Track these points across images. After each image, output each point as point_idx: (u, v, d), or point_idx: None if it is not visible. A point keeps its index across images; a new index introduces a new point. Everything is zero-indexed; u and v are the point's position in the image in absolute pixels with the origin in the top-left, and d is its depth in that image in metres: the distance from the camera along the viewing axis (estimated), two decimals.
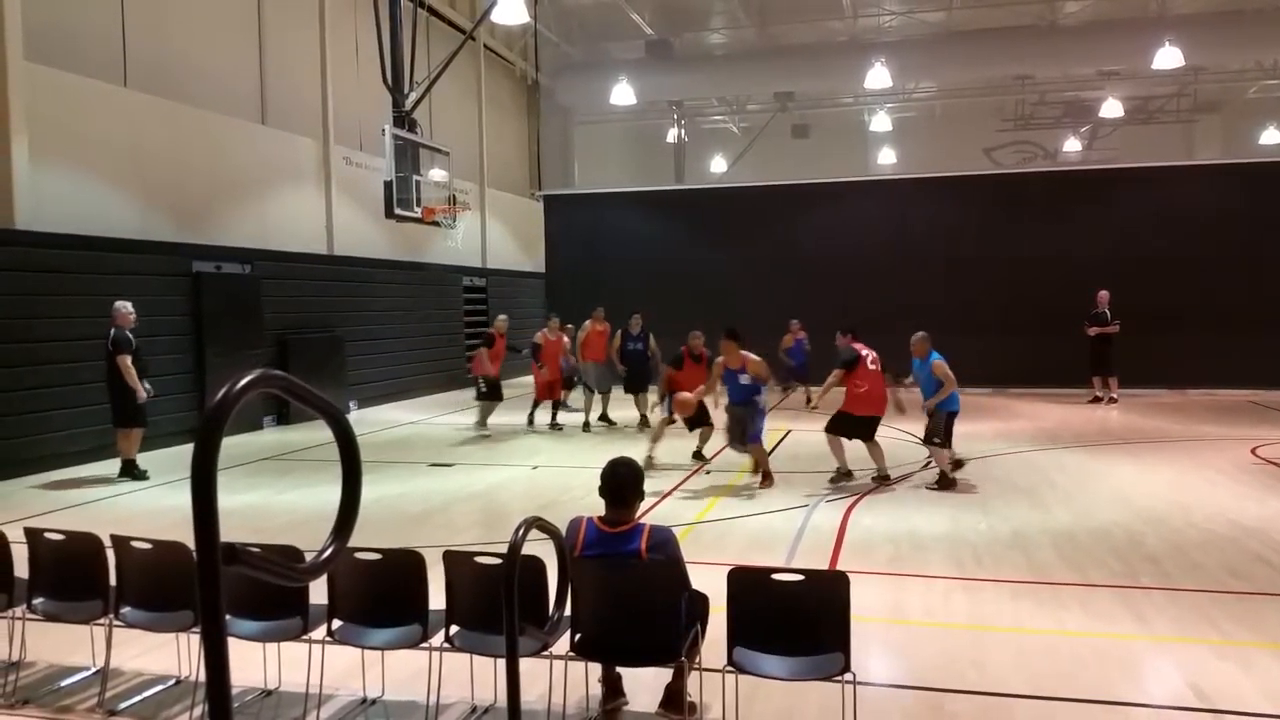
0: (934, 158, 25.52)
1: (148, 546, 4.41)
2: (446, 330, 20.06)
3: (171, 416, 12.05)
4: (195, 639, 4.50)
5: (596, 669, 4.31)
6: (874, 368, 9.39)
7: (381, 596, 4.24)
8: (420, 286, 18.86)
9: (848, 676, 3.71)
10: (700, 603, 4.09)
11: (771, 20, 23.04)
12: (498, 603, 3.44)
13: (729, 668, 3.83)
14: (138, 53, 12.53)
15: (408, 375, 18.29)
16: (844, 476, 9.57)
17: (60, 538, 4.60)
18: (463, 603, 4.13)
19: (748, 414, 9.47)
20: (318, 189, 16.30)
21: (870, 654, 4.96)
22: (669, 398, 10.56)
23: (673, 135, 27.67)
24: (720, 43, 25.29)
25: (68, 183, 11.41)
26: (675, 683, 4.15)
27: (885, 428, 9.81)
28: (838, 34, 23.53)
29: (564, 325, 14.64)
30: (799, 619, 3.86)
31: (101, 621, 4.51)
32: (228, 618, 4.21)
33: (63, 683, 4.74)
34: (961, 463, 9.80)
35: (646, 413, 13.86)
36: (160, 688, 4.66)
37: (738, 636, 3.85)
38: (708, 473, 10.35)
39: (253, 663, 4.48)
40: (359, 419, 15.01)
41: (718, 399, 10.22)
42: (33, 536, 4.65)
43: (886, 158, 30.38)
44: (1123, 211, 18.18)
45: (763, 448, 9.69)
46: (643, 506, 4.31)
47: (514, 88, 24.93)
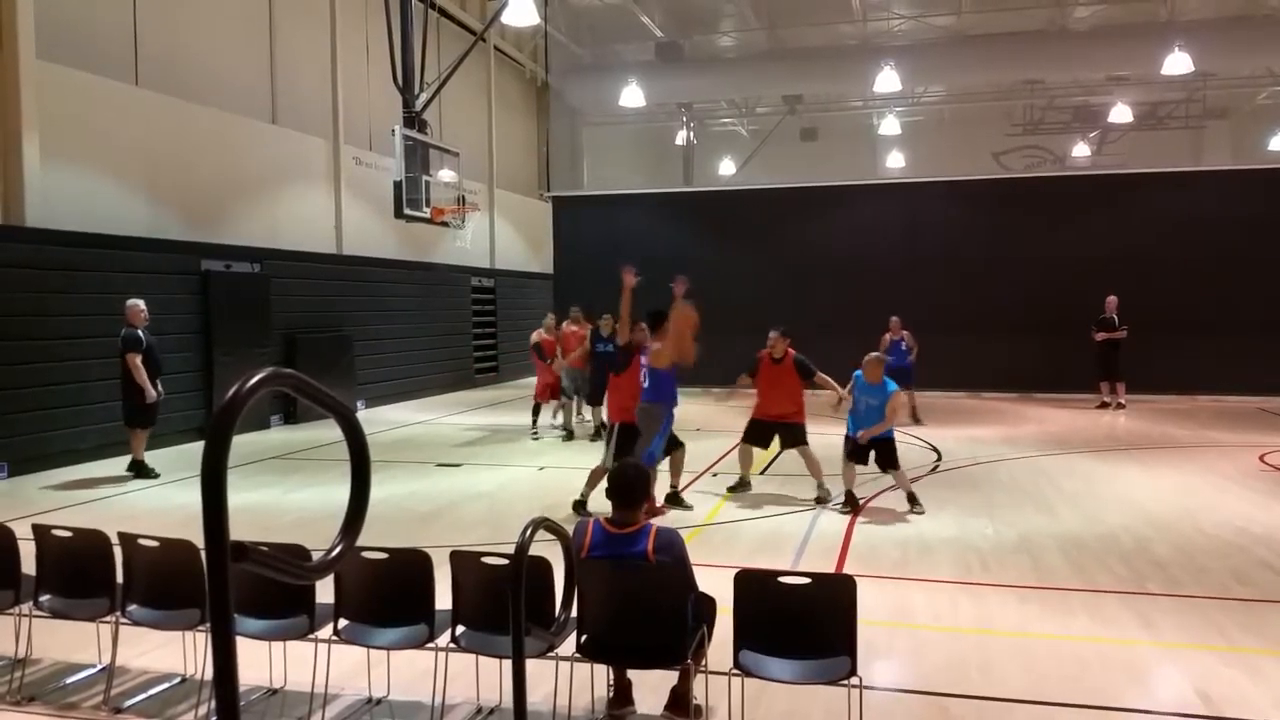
0: (943, 162, 25.51)
1: (155, 544, 4.42)
2: (455, 330, 20.10)
3: (180, 414, 12.10)
4: (201, 637, 4.51)
5: (602, 670, 4.31)
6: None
7: (388, 596, 4.24)
8: (429, 287, 18.90)
9: (854, 680, 3.71)
10: (707, 605, 4.10)
11: (781, 23, 23.03)
12: (504, 603, 3.45)
13: (735, 670, 3.82)
14: (149, 51, 12.58)
15: (416, 375, 18.33)
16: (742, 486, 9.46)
17: (68, 535, 4.61)
18: (469, 603, 4.13)
19: (647, 420, 8.30)
20: (327, 188, 16.36)
21: (876, 658, 4.94)
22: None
23: (681, 137, 27.67)
24: (730, 45, 25.29)
25: (78, 181, 11.47)
26: (681, 685, 4.15)
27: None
28: (847, 37, 23.51)
29: (588, 316, 13.78)
30: (805, 622, 3.85)
31: (108, 619, 4.52)
32: (235, 616, 4.25)
33: (68, 680, 4.75)
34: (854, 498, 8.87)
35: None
36: (166, 685, 4.67)
37: (743, 639, 3.85)
38: (715, 475, 10.35)
39: (258, 661, 4.49)
40: (367, 418, 15.04)
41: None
42: (40, 533, 4.66)
43: (895, 161, 30.34)
44: (1131, 216, 18.12)
45: (652, 472, 7.90)
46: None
47: (523, 89, 24.97)
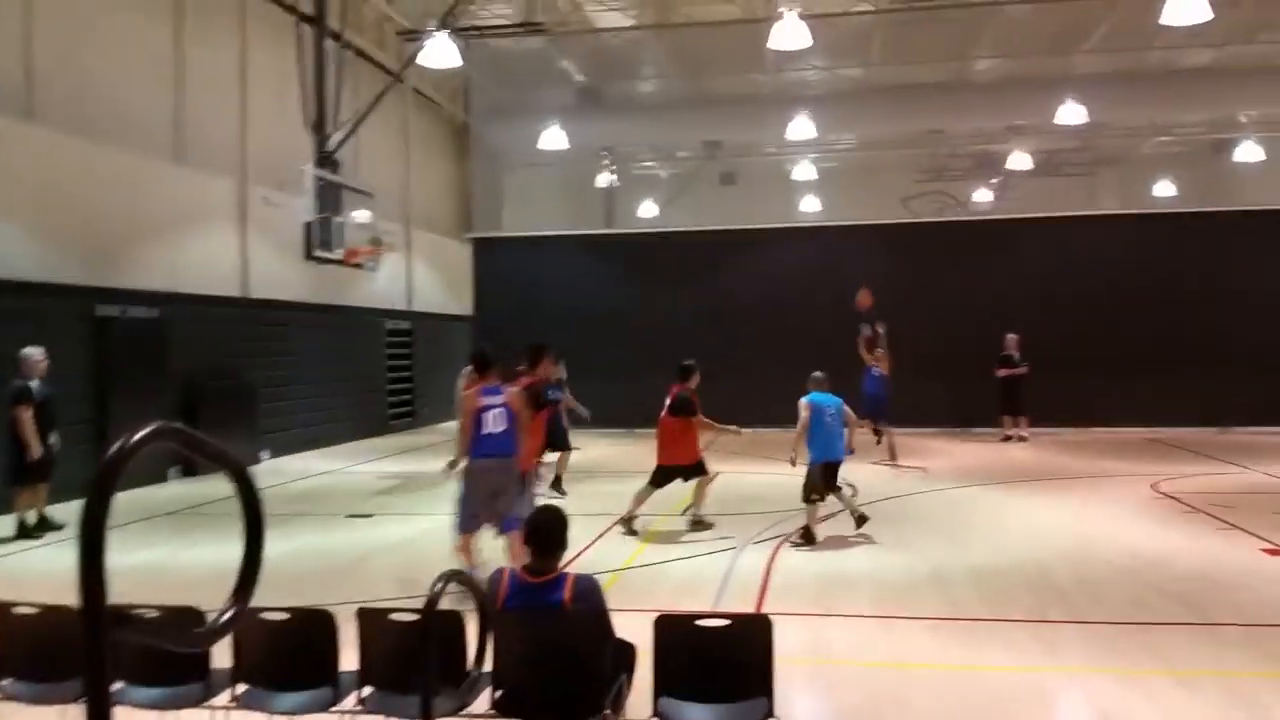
0: (855, 206, 26.19)
1: (32, 612, 4.12)
2: (368, 374, 19.69)
3: (71, 469, 11.39)
4: (84, 711, 4.23)
5: None
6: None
7: (290, 658, 4.04)
8: (341, 330, 18.46)
9: None
10: (626, 652, 4.02)
11: (699, 72, 23.45)
12: (414, 662, 3.32)
13: (654, 719, 3.74)
14: (47, 87, 12.12)
15: (327, 422, 17.79)
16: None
17: None
18: (377, 663, 3.97)
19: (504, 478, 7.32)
20: (234, 229, 15.89)
21: (795, 697, 4.92)
22: None
23: (603, 180, 27.86)
24: (650, 91, 25.63)
25: None
26: None
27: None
28: (763, 87, 24.07)
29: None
30: (724, 665, 3.83)
31: None
32: (122, 685, 3.98)
33: None
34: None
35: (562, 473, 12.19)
36: None
37: (664, 685, 3.78)
38: (635, 517, 10.25)
39: None
40: (274, 468, 14.56)
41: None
42: None
43: (810, 205, 31.02)
44: (1030, 258, 18.99)
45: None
46: (570, 553, 4.22)
47: (443, 130, 24.87)
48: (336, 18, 13.64)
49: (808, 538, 8.82)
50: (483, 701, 3.88)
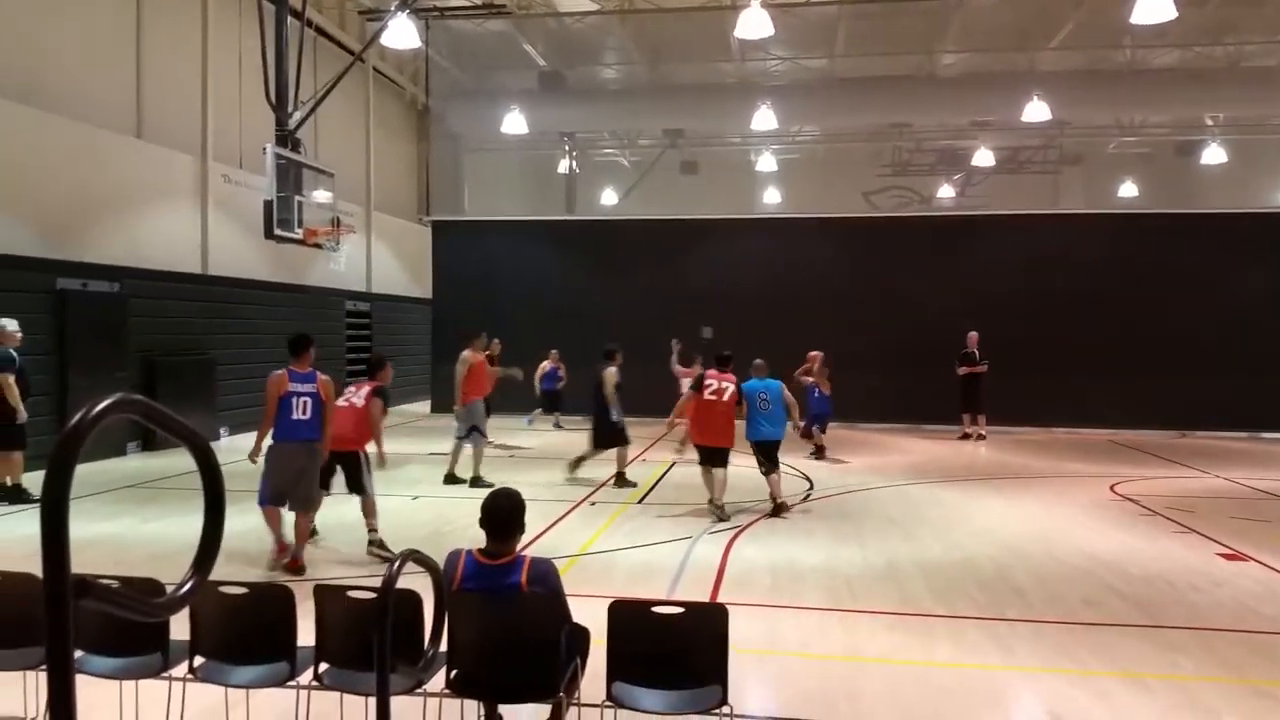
0: (816, 199, 26.35)
1: None
2: (327, 355, 19.36)
3: (31, 440, 11.30)
4: (44, 677, 4.22)
5: (473, 705, 4.22)
6: (712, 398, 9.67)
7: (247, 633, 4.05)
8: (300, 309, 18.31)
9: (725, 709, 3.73)
10: (581, 636, 4.06)
11: (662, 59, 23.44)
12: (370, 639, 3.35)
13: (607, 703, 3.80)
14: (6, 60, 11.90)
15: None
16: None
17: None
18: (334, 639, 3.99)
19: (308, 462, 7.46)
20: (194, 206, 15.73)
21: (748, 686, 5.00)
22: None
23: (564, 166, 27.77)
24: (612, 77, 25.56)
25: None
26: (553, 719, 4.10)
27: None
28: (726, 75, 24.10)
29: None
30: (678, 652, 3.86)
31: None
32: (81, 654, 3.98)
33: None
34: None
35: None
36: None
37: (617, 671, 3.83)
38: (593, 504, 10.33)
39: (108, 702, 4.21)
40: (231, 445, 14.42)
41: None
42: None
43: (772, 197, 31.15)
44: (992, 256, 19.07)
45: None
46: (526, 537, 4.25)
47: (404, 111, 24.65)
48: None
49: (778, 509, 9.69)
50: (438, 681, 3.92)
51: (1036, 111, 19.91)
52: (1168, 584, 7.26)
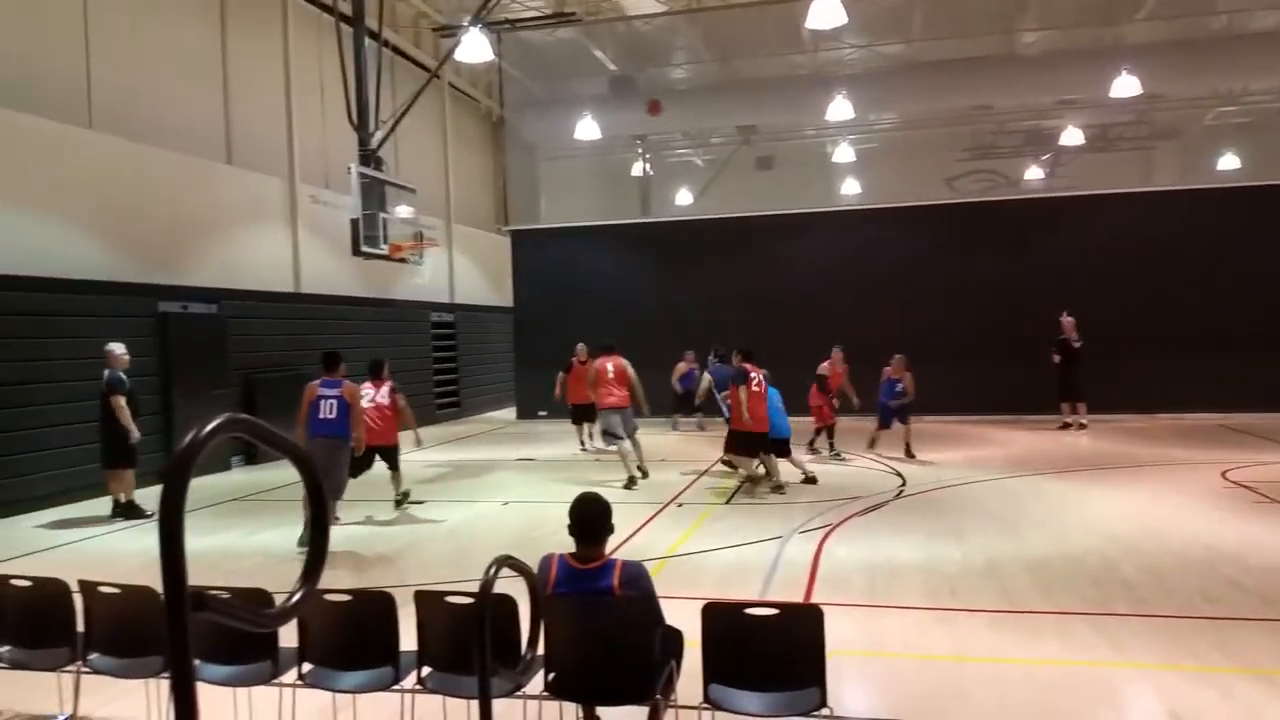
0: (897, 187, 25.83)
1: (116, 591, 4.33)
2: (416, 367, 19.96)
3: (142, 458, 11.85)
4: (165, 685, 4.41)
5: (571, 708, 4.26)
6: (758, 390, 10.71)
7: (352, 638, 4.17)
8: (388, 323, 18.77)
9: (824, 712, 3.69)
10: (675, 639, 4.06)
11: (733, 54, 23.32)
12: (470, 643, 3.41)
13: (704, 705, 3.79)
14: (102, 94, 12.47)
15: None
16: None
17: (27, 584, 4.50)
18: (434, 644, 4.07)
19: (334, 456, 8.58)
20: (284, 227, 16.25)
21: (848, 688, 4.92)
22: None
23: (638, 169, 27.84)
24: (683, 77, 25.53)
25: (32, 225, 11.30)
26: None
27: (862, 457, 9.86)
28: (799, 67, 23.83)
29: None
30: (774, 654, 3.83)
31: (69, 669, 4.41)
32: (197, 663, 4.14)
33: None
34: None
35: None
36: None
37: (713, 672, 3.82)
38: (680, 505, 10.33)
39: (223, 708, 4.38)
40: None
41: None
42: None
43: (850, 188, 30.69)
44: (1084, 238, 18.45)
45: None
46: (615, 540, 4.28)
47: (479, 124, 25.04)
48: (374, 17, 13.81)
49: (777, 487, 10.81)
50: (536, 684, 3.96)
51: (1126, 86, 19.19)
52: None
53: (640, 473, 11.78)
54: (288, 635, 4.08)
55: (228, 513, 10.70)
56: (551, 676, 3.94)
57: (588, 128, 21.63)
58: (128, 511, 10.27)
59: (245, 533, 9.60)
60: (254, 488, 12.26)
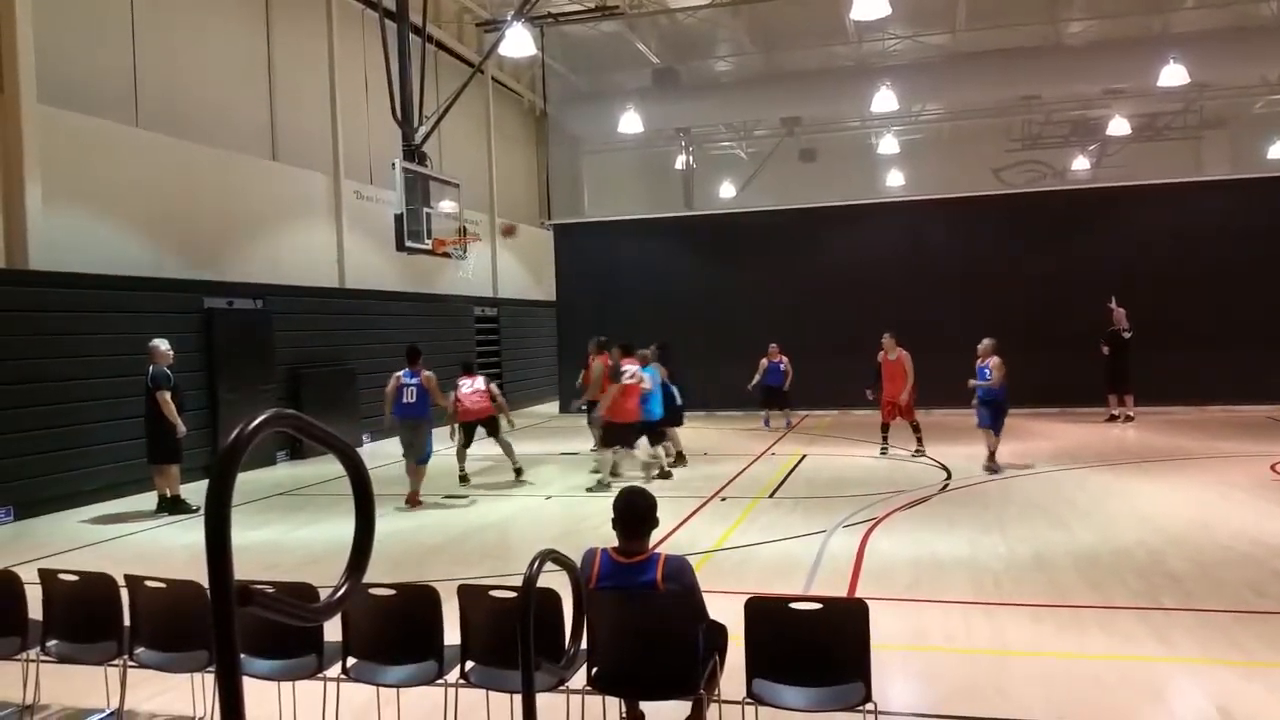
0: (943, 179, 25.50)
1: (161, 586, 4.39)
2: (459, 361, 20.01)
3: (185, 453, 12.06)
4: (210, 679, 4.47)
5: (614, 703, 4.25)
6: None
7: (396, 633, 4.20)
8: (433, 318, 18.90)
9: (869, 706, 3.66)
10: (718, 633, 4.04)
11: (776, 46, 23.16)
12: (513, 637, 3.41)
13: (748, 700, 3.77)
14: (149, 92, 12.68)
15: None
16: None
17: (74, 578, 4.58)
18: (478, 638, 4.09)
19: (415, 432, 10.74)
20: (329, 223, 16.42)
21: (892, 682, 4.89)
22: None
23: (681, 162, 27.77)
24: (726, 69, 25.41)
25: (81, 223, 11.53)
26: (694, 716, 4.09)
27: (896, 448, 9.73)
28: (843, 59, 23.62)
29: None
30: (818, 648, 3.80)
31: (116, 663, 4.48)
32: (242, 657, 4.19)
33: None
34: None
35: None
36: None
37: (756, 667, 3.79)
38: (724, 499, 10.30)
39: (268, 701, 4.43)
40: (372, 452, 14.98)
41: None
42: (46, 577, 4.63)
43: (895, 179, 30.37)
44: (1133, 228, 18.13)
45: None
46: (659, 534, 4.26)
47: (522, 118, 25.12)
48: (418, 12, 13.90)
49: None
50: (579, 678, 3.97)
51: (1174, 75, 18.80)
52: None
53: (612, 478, 11.53)
54: (332, 630, 4.12)
55: (273, 508, 10.83)
56: (594, 671, 3.94)
57: (630, 121, 21.60)
58: (173, 506, 10.40)
59: (290, 527, 9.72)
60: (299, 482, 12.42)
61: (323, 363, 15.55)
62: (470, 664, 4.09)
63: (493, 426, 11.98)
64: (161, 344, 10.34)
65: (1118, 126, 24.75)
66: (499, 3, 19.57)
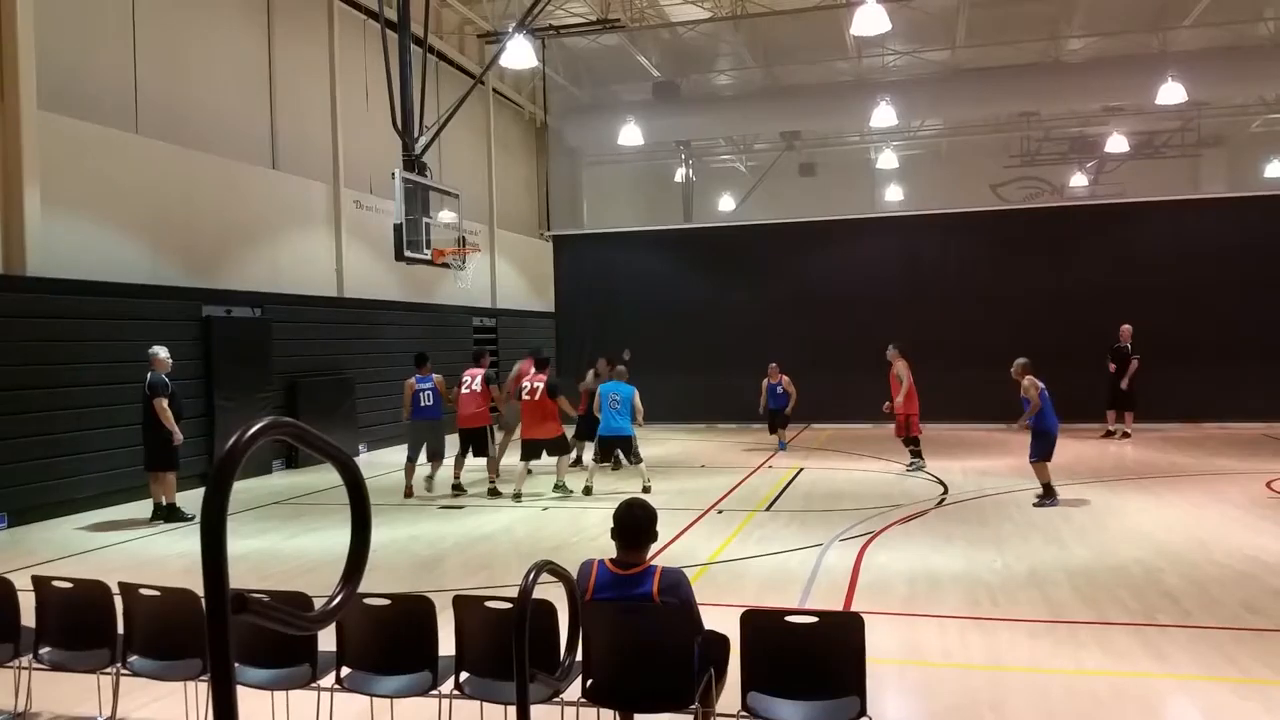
0: (941, 194, 25.60)
1: (156, 594, 4.38)
2: (457, 371, 19.99)
3: (181, 460, 12.03)
4: (204, 687, 4.45)
5: (609, 715, 4.24)
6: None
7: (391, 643, 4.18)
8: (431, 328, 18.90)
9: None
10: (718, 646, 4.01)
11: (777, 61, 23.26)
12: (508, 648, 3.40)
13: (743, 713, 3.75)
14: (149, 99, 12.69)
15: None
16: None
17: (68, 586, 4.57)
18: (473, 649, 4.08)
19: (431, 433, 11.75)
20: (328, 232, 16.43)
21: (888, 697, 4.88)
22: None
23: (680, 175, 27.83)
24: (726, 83, 25.51)
25: (79, 229, 11.51)
26: None
27: (888, 462, 9.73)
28: (843, 74, 23.73)
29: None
30: (814, 662, 3.79)
31: (109, 671, 4.46)
32: (236, 666, 4.18)
33: None
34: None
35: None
36: None
37: (752, 680, 3.78)
38: (720, 512, 10.29)
39: (260, 711, 4.41)
40: (370, 461, 14.98)
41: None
42: (40, 584, 4.61)
43: (894, 195, 30.48)
44: (1130, 246, 18.16)
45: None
46: (655, 546, 4.25)
47: (523, 130, 25.18)
48: (420, 23, 13.93)
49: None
50: (574, 690, 3.95)
51: (1172, 93, 18.92)
52: None
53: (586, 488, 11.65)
54: (326, 639, 4.10)
55: (269, 516, 10.81)
56: (590, 683, 3.93)
57: (631, 133, 21.66)
58: (169, 514, 10.37)
59: (286, 536, 9.69)
60: (295, 491, 12.39)
61: (320, 372, 15.55)
62: (465, 675, 4.08)
63: (480, 445, 11.85)
64: (161, 351, 10.35)
65: (1116, 144, 24.88)
66: (501, 14, 19.63)
